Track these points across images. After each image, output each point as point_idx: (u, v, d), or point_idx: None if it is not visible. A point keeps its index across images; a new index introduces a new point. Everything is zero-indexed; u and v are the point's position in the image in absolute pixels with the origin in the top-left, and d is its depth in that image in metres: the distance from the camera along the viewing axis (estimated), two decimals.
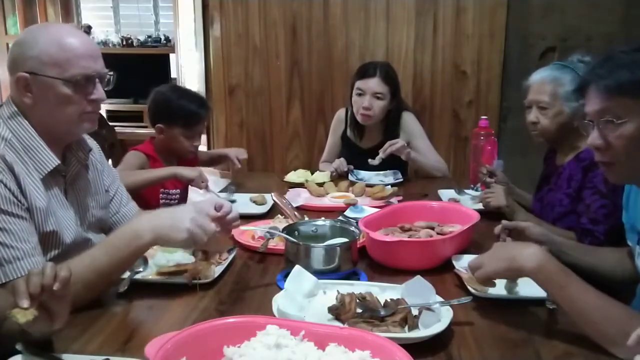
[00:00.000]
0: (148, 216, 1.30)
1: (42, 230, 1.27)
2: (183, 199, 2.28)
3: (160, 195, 2.19)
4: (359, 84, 2.56)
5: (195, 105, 2.18)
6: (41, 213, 1.26)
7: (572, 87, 1.76)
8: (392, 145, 2.44)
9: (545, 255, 1.15)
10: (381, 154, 2.45)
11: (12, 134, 1.27)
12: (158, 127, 2.18)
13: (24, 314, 0.89)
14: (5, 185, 1.20)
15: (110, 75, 1.39)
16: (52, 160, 1.32)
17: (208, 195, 2.08)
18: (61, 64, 1.27)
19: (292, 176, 2.51)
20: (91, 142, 1.54)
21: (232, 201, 2.07)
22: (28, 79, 1.26)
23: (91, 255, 1.22)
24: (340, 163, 2.60)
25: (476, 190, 2.22)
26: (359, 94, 2.56)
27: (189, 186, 2.21)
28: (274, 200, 1.74)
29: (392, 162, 2.53)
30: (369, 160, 2.49)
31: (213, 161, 2.61)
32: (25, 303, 0.89)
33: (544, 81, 1.84)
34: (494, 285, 1.26)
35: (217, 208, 1.33)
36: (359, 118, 2.60)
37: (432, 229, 1.66)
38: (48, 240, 1.29)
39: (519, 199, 2.03)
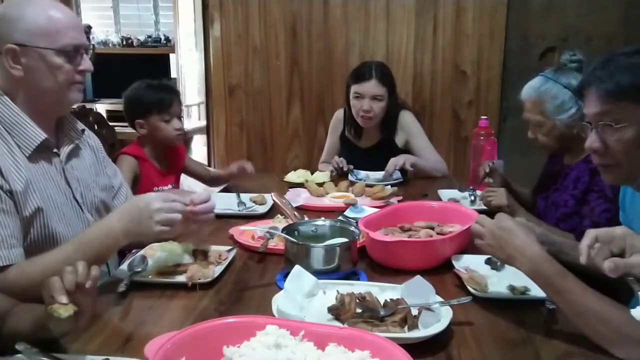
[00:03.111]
0: (117, 215, 1.30)
1: (24, 212, 1.26)
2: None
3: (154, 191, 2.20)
4: (355, 88, 2.56)
5: (163, 89, 2.25)
6: (20, 195, 1.25)
7: (558, 100, 1.79)
8: (393, 166, 2.45)
9: (542, 260, 1.13)
10: (389, 174, 2.46)
11: None
12: (138, 123, 2.23)
13: (65, 309, 0.93)
14: None
15: (92, 46, 1.41)
16: (37, 135, 1.32)
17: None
18: (52, 34, 1.29)
19: (292, 176, 2.51)
20: (93, 138, 1.59)
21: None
22: (17, 50, 1.27)
23: (64, 252, 1.23)
24: (341, 160, 2.60)
25: (472, 194, 2.16)
26: (357, 98, 2.55)
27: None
28: (274, 200, 1.74)
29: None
30: (344, 166, 2.55)
31: (218, 180, 2.57)
32: (64, 299, 0.93)
33: (531, 100, 1.85)
34: None
35: (196, 200, 1.38)
36: (359, 121, 2.60)
37: (432, 229, 1.66)
38: (32, 221, 1.28)
39: (518, 198, 2.04)
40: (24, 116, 1.31)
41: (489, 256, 1.48)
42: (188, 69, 3.77)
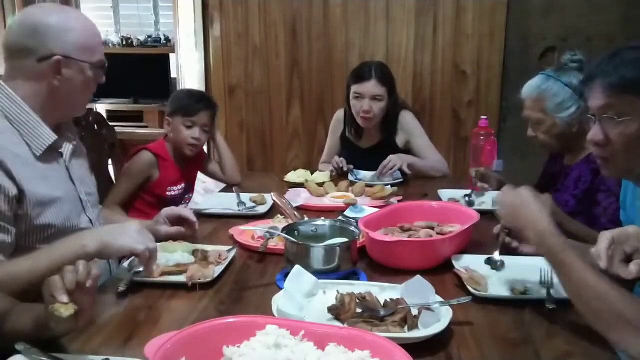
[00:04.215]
0: (94, 230, 1.40)
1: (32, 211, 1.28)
2: (187, 190, 2.34)
3: (167, 190, 2.23)
4: (355, 88, 2.55)
5: (196, 97, 2.29)
6: (27, 195, 1.27)
7: (559, 98, 1.79)
8: (386, 167, 2.45)
9: (547, 235, 1.15)
10: (379, 174, 2.46)
11: (5, 115, 1.30)
12: (166, 120, 2.28)
13: (66, 308, 0.93)
14: None
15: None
16: (49, 136, 1.35)
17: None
18: (91, 49, 1.37)
19: (292, 176, 2.51)
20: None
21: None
22: (62, 62, 1.32)
23: (33, 259, 1.20)
24: (341, 160, 2.60)
25: (469, 196, 2.14)
26: (357, 98, 2.55)
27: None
28: (274, 200, 1.74)
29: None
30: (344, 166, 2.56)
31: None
32: (65, 298, 0.93)
33: (532, 97, 1.86)
34: None
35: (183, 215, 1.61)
36: (359, 121, 2.60)
37: (432, 229, 1.66)
38: (37, 219, 1.30)
39: None
40: (35, 117, 1.33)
41: (489, 256, 1.49)
42: (188, 69, 3.77)
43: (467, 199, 2.11)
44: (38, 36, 1.30)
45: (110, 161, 2.62)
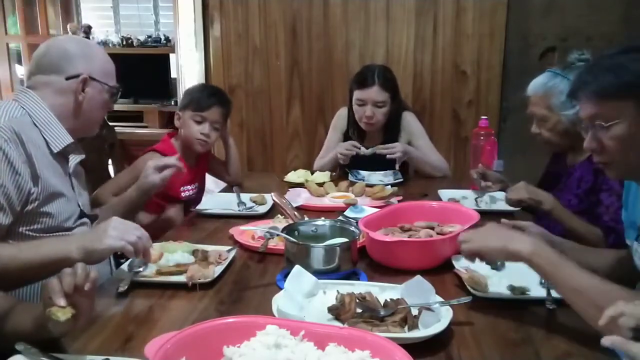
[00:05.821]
0: (77, 236, 1.42)
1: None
2: (200, 191, 2.35)
3: (181, 191, 2.23)
4: (358, 94, 2.55)
5: (207, 91, 2.26)
6: (41, 185, 1.35)
7: (564, 95, 1.77)
8: (387, 150, 2.48)
9: (539, 242, 1.17)
10: (375, 149, 2.49)
11: (29, 113, 1.41)
12: (176, 114, 2.25)
13: (63, 312, 0.93)
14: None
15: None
16: (67, 137, 1.46)
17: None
18: (110, 74, 1.56)
19: (292, 176, 2.51)
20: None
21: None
22: (87, 80, 1.49)
23: (18, 248, 1.25)
24: (352, 144, 2.57)
25: (479, 198, 2.15)
26: (360, 104, 2.55)
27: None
28: (274, 200, 1.73)
29: (392, 162, 2.53)
30: (362, 149, 2.54)
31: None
32: (62, 302, 0.94)
33: (538, 94, 1.86)
34: (473, 261, 1.29)
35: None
36: (362, 126, 2.60)
37: (432, 229, 1.66)
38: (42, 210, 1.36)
39: None
40: (56, 120, 1.45)
41: None
42: (188, 69, 3.77)
43: (479, 200, 2.12)
44: (69, 58, 1.48)
45: (110, 161, 2.63)
